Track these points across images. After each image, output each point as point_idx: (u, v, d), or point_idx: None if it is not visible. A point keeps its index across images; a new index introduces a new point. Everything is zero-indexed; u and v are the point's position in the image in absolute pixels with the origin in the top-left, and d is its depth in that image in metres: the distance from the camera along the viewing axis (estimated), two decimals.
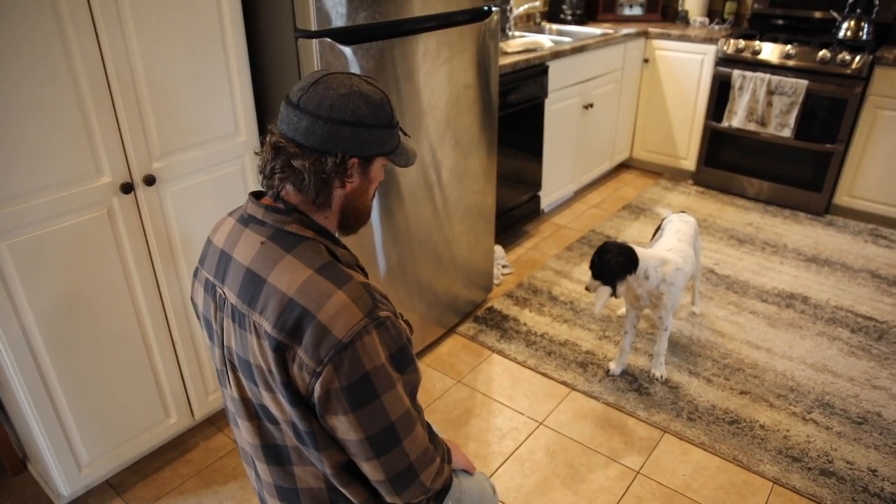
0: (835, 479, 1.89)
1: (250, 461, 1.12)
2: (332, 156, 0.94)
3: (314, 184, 0.94)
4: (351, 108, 0.93)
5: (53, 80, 1.40)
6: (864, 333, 2.55)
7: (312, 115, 0.93)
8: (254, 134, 1.86)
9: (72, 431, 1.68)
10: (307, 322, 0.87)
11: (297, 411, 0.90)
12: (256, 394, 0.97)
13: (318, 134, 0.93)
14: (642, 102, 4.05)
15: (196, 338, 1.90)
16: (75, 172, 1.50)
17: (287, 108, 0.95)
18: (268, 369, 0.90)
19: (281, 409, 0.94)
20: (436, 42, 2.03)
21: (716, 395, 2.22)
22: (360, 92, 0.95)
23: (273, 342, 0.88)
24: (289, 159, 0.94)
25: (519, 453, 2.01)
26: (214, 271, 1.01)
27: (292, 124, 0.94)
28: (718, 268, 3.04)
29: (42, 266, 1.50)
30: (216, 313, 1.01)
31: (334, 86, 0.94)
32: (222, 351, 1.02)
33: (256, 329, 0.90)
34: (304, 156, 0.93)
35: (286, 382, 0.89)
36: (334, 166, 0.94)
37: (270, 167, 0.96)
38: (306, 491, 1.03)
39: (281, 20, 1.71)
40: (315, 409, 0.90)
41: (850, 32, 3.41)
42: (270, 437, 1.01)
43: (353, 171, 0.97)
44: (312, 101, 0.93)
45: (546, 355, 2.44)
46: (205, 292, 1.04)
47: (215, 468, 1.95)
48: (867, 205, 3.44)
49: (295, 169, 0.94)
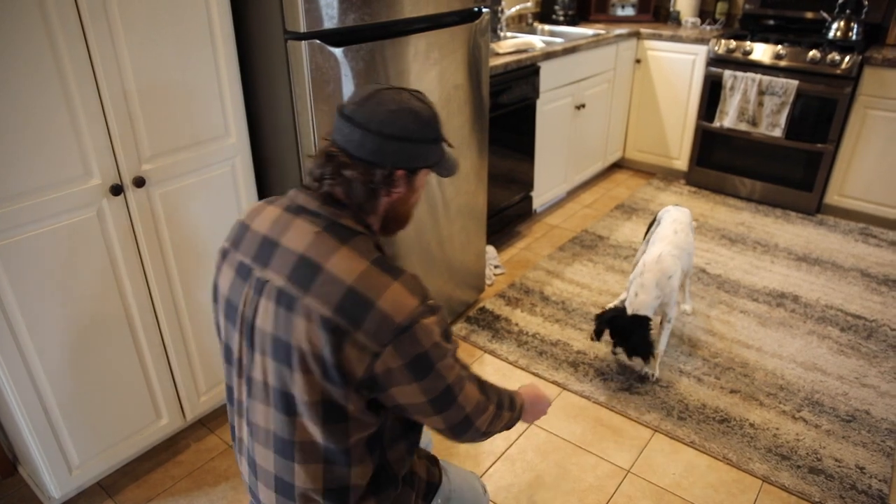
0: (823, 476, 1.91)
1: (246, 450, 1.12)
2: (380, 168, 1.01)
3: (362, 192, 1.02)
4: (400, 125, 1.00)
5: (42, 81, 1.40)
6: (854, 332, 2.57)
7: (364, 128, 1.00)
8: (244, 135, 1.86)
9: (62, 433, 1.68)
10: (368, 308, 0.93)
11: (341, 390, 0.96)
12: (284, 377, 0.99)
13: (368, 147, 1.00)
14: (634, 103, 4.06)
15: (187, 339, 1.90)
16: (64, 175, 1.50)
17: (340, 120, 1.02)
18: (312, 351, 0.94)
19: (311, 391, 0.97)
20: (426, 43, 2.03)
21: (706, 394, 2.23)
22: (410, 109, 1.02)
23: (329, 324, 0.93)
24: (339, 168, 1.01)
25: (510, 453, 2.02)
26: (254, 255, 1.04)
27: (345, 135, 1.01)
28: (710, 267, 3.06)
29: (31, 268, 1.50)
30: (247, 295, 1.03)
31: (385, 102, 1.01)
32: (246, 333, 1.03)
33: (308, 312, 0.94)
34: (355, 166, 1.01)
35: (337, 363, 0.94)
36: (382, 177, 1.02)
37: (321, 172, 1.03)
38: (301, 489, 1.05)
39: (270, 22, 1.71)
40: (365, 387, 0.97)
41: (840, 33, 3.43)
42: (280, 428, 1.03)
43: (399, 181, 1.05)
44: (364, 115, 1.00)
45: (537, 355, 2.45)
46: (235, 275, 1.06)
47: (207, 469, 1.95)
48: (857, 204, 3.46)
49: (345, 177, 1.01)
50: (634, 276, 2.28)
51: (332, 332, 0.93)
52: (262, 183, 2.01)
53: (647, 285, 2.19)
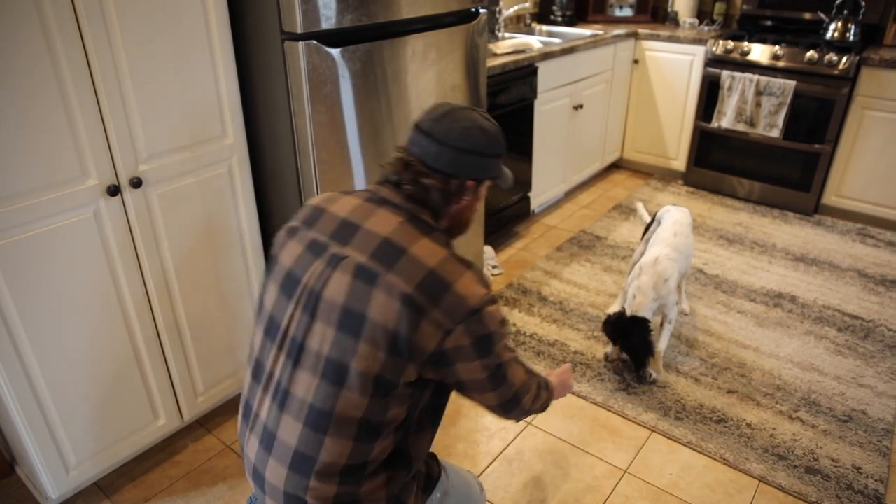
0: (820, 476, 1.91)
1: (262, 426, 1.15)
2: (454, 178, 1.16)
3: (439, 198, 1.16)
4: (472, 140, 1.15)
5: (39, 82, 1.40)
6: (851, 332, 2.57)
7: (441, 142, 1.14)
8: (241, 136, 1.86)
9: (59, 434, 1.68)
10: (446, 290, 1.05)
11: (402, 364, 1.05)
12: (345, 347, 1.06)
13: (444, 159, 1.15)
14: (632, 103, 4.06)
15: (184, 340, 1.91)
16: (61, 175, 1.50)
17: (419, 134, 1.17)
18: (386, 325, 1.04)
19: (371, 362, 1.05)
20: (423, 44, 2.04)
21: (703, 395, 2.24)
22: (480, 126, 1.17)
23: (409, 300, 1.03)
24: (418, 175, 1.15)
25: (507, 453, 2.02)
26: (331, 234, 1.15)
27: (423, 148, 1.16)
28: (707, 267, 3.06)
29: (28, 269, 1.50)
30: (317, 269, 1.12)
31: (459, 119, 1.16)
32: (307, 304, 1.11)
33: (389, 287, 1.04)
34: (432, 175, 1.15)
35: (410, 336, 1.04)
36: (456, 186, 1.17)
37: (398, 178, 1.17)
38: (323, 464, 1.09)
39: (267, 22, 1.72)
40: (431, 363, 1.07)
41: (838, 33, 3.43)
42: (322, 399, 1.07)
43: (469, 190, 1.20)
44: (441, 131, 1.15)
45: (535, 355, 2.45)
46: (305, 250, 1.15)
47: (204, 470, 1.96)
48: (855, 204, 3.47)
49: (423, 185, 1.15)
50: (632, 279, 2.28)
51: (412, 307, 1.03)
52: (259, 183, 2.02)
53: (645, 288, 2.20)
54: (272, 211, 2.04)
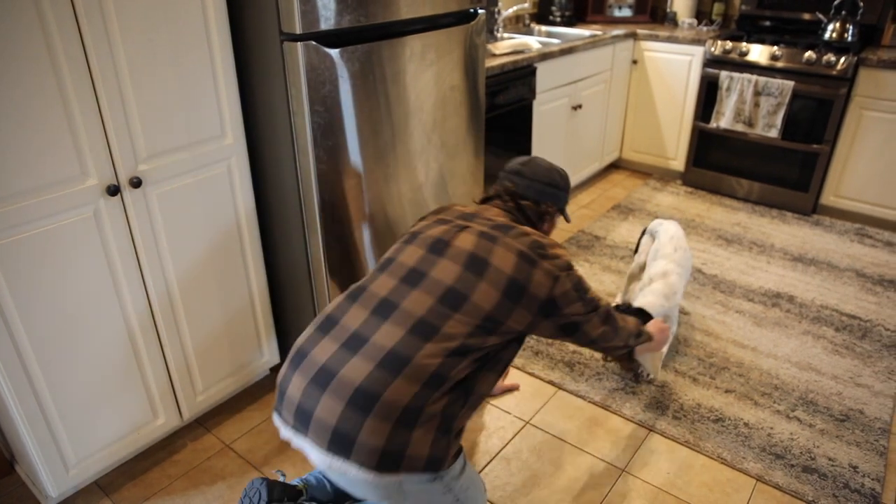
0: (817, 475, 1.92)
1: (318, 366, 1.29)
2: (541, 204, 1.63)
3: (533, 216, 1.62)
4: (552, 178, 1.65)
5: (38, 82, 1.41)
6: (849, 332, 2.58)
7: (530, 178, 1.63)
8: (240, 136, 1.87)
9: (59, 432, 1.69)
10: (546, 251, 1.42)
11: (513, 307, 1.35)
12: (468, 282, 1.34)
13: (534, 189, 1.63)
14: (631, 103, 4.07)
15: (184, 339, 1.91)
16: (61, 175, 1.50)
17: (511, 174, 1.66)
18: (504, 270, 1.35)
19: (488, 299, 1.33)
20: (422, 45, 2.04)
21: (701, 394, 2.24)
22: (555, 168, 1.68)
23: (524, 255, 1.38)
24: (515, 198, 1.61)
25: (505, 452, 2.03)
26: (457, 217, 1.51)
27: (516, 183, 1.63)
28: (706, 267, 3.07)
29: (28, 267, 1.50)
30: (445, 229, 1.46)
31: (540, 163, 1.66)
32: (437, 247, 1.42)
33: (507, 246, 1.39)
34: (527, 201, 1.61)
35: (526, 284, 1.36)
36: (544, 210, 1.63)
37: (504, 197, 1.62)
38: (385, 403, 1.21)
39: (266, 23, 1.72)
40: (543, 309, 1.38)
41: (836, 34, 3.44)
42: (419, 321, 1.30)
43: (550, 216, 1.66)
44: (529, 171, 1.65)
45: (533, 355, 2.45)
46: (434, 223, 1.50)
47: (203, 468, 1.96)
48: (853, 204, 3.47)
49: (521, 205, 1.61)
50: (643, 285, 2.30)
51: (527, 260, 1.38)
52: (258, 184, 2.02)
53: (657, 293, 2.24)
54: (271, 211, 2.05)
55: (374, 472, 1.20)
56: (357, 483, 1.25)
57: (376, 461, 1.20)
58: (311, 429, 1.25)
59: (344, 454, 1.21)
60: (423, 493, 1.28)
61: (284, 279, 2.16)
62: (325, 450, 1.23)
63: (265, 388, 2.30)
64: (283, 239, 2.07)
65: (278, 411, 1.34)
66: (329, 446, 1.22)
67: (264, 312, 2.14)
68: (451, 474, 1.32)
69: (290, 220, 2.00)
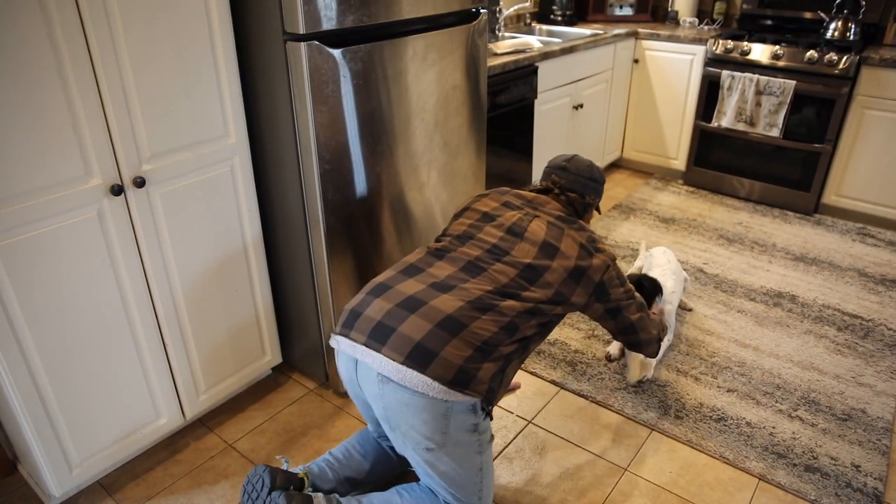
0: (819, 474, 1.92)
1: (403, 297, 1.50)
2: (585, 196, 1.85)
3: (579, 209, 1.83)
4: (593, 173, 1.88)
5: (42, 82, 1.41)
6: (851, 331, 2.58)
7: (575, 174, 1.86)
8: (243, 136, 1.87)
9: (62, 432, 1.69)
10: (599, 246, 1.70)
11: (575, 286, 1.62)
12: (543, 263, 1.60)
13: (579, 183, 1.85)
14: (632, 103, 4.07)
15: (186, 339, 1.91)
16: (65, 175, 1.51)
17: (556, 170, 1.88)
18: (570, 256, 1.62)
19: (556, 278, 1.60)
20: (424, 44, 2.04)
21: (703, 394, 2.25)
22: (594, 165, 1.90)
23: (584, 247, 1.66)
24: (566, 193, 1.82)
25: (508, 451, 2.03)
26: (522, 202, 1.77)
27: (561, 177, 1.85)
28: (707, 267, 3.07)
29: (32, 268, 1.51)
30: (518, 215, 1.70)
31: (582, 160, 1.89)
32: (515, 231, 1.65)
33: (572, 238, 1.66)
34: (574, 193, 1.83)
35: (585, 270, 1.63)
36: (588, 201, 1.85)
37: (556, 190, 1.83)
38: (472, 330, 1.44)
39: (269, 23, 1.72)
40: (595, 292, 1.66)
41: (838, 33, 3.44)
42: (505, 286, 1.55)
43: (591, 207, 1.86)
44: (574, 166, 1.87)
45: (535, 354, 2.46)
46: (501, 205, 1.75)
47: (206, 468, 1.96)
48: (855, 204, 3.47)
49: (571, 200, 1.82)
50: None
51: (586, 251, 1.65)
52: (262, 183, 2.02)
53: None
54: (274, 210, 2.05)
55: (445, 387, 1.38)
56: (408, 405, 1.42)
57: (451, 376, 1.39)
58: (390, 344, 1.41)
59: (420, 367, 1.38)
60: (461, 422, 1.45)
61: (287, 279, 2.16)
62: (401, 362, 1.39)
63: (267, 387, 2.30)
64: (285, 239, 2.07)
65: (346, 330, 1.51)
66: (406, 359, 1.39)
67: (267, 312, 2.14)
68: (486, 421, 1.51)
69: (293, 219, 2.00)
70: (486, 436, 1.54)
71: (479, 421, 1.49)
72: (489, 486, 1.61)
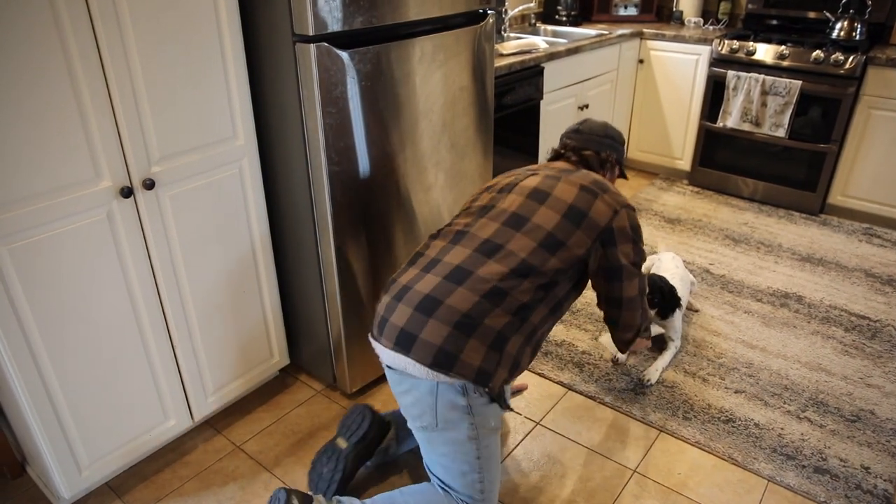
0: (828, 476, 1.92)
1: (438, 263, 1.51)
2: (601, 153, 1.79)
3: (595, 165, 1.77)
4: (607, 132, 1.85)
5: (52, 83, 1.41)
6: (858, 332, 2.58)
7: (588, 133, 1.83)
8: (252, 137, 1.87)
9: (72, 434, 1.69)
10: (606, 188, 1.60)
11: (574, 230, 1.51)
12: (530, 208, 1.54)
13: (594, 142, 1.81)
14: (637, 103, 4.06)
15: (195, 341, 1.91)
16: (75, 177, 1.51)
17: (571, 132, 1.84)
18: (565, 199, 1.53)
19: (546, 220, 1.51)
20: (432, 46, 2.04)
21: (711, 395, 2.24)
22: (609, 125, 1.88)
23: (586, 188, 1.57)
24: (579, 150, 1.78)
25: (516, 453, 2.03)
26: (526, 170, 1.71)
27: (575, 139, 1.82)
28: (713, 268, 3.06)
29: (42, 270, 1.51)
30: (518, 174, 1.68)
31: (596, 121, 1.87)
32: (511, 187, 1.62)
33: (570, 182, 1.58)
34: (588, 151, 1.78)
35: (587, 212, 1.53)
36: (605, 157, 1.80)
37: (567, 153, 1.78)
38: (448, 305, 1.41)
39: (278, 25, 1.72)
40: (601, 239, 1.53)
41: (844, 33, 3.43)
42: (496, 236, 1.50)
43: (610, 165, 1.83)
44: (587, 127, 1.84)
45: (542, 356, 2.45)
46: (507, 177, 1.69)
47: (214, 470, 1.96)
48: (861, 204, 3.47)
49: (584, 155, 1.77)
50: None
51: (588, 192, 1.56)
52: (270, 184, 2.02)
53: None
54: (282, 211, 2.05)
55: (427, 368, 1.38)
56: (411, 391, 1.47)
57: (431, 358, 1.38)
58: (385, 333, 1.46)
59: (405, 350, 1.41)
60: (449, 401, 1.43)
61: (295, 281, 2.16)
62: (391, 348, 1.44)
63: (275, 389, 2.30)
64: (293, 240, 2.07)
65: (372, 331, 1.54)
66: (394, 345, 1.43)
67: (275, 313, 2.14)
68: (480, 401, 1.46)
69: (302, 221, 2.00)
70: (480, 419, 1.49)
71: (470, 395, 1.45)
72: (491, 482, 1.58)
